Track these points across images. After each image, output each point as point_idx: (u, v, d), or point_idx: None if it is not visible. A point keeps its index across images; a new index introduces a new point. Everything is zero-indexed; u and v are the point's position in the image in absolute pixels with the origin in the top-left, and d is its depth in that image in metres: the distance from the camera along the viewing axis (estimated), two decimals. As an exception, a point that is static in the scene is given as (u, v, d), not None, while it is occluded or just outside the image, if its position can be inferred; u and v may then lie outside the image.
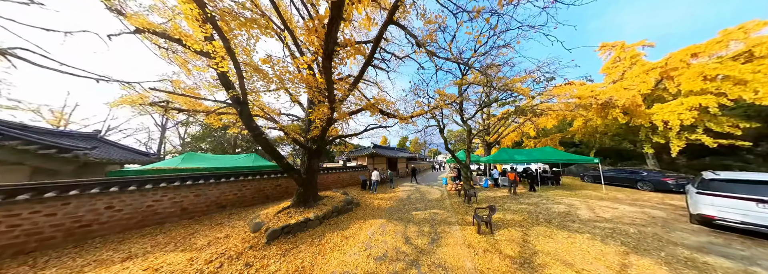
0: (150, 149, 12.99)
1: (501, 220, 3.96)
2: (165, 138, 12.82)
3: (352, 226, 3.78)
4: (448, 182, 8.88)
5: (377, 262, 2.46)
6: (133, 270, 2.24)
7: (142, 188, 3.51)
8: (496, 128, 11.25)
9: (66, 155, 3.84)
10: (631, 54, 9.82)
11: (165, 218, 3.70)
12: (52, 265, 2.35)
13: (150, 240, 3.00)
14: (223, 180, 4.61)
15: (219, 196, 4.48)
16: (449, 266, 2.37)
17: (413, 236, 3.24)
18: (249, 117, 3.14)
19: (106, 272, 2.20)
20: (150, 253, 2.62)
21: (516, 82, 6.04)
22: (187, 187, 4.05)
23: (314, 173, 4.51)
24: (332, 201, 4.72)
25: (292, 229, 3.31)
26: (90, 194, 3.06)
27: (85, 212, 3.01)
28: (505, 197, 6.10)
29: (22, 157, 3.56)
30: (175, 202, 3.85)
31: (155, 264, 2.35)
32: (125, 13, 2.84)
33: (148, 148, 13.11)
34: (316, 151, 4.47)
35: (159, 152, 11.89)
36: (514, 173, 6.83)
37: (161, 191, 3.72)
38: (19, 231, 2.58)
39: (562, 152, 9.03)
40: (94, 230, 3.03)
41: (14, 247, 2.53)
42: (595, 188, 7.69)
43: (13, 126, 4.30)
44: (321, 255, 2.67)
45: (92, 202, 3.07)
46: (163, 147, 12.63)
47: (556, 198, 5.87)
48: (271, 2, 2.83)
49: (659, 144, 8.57)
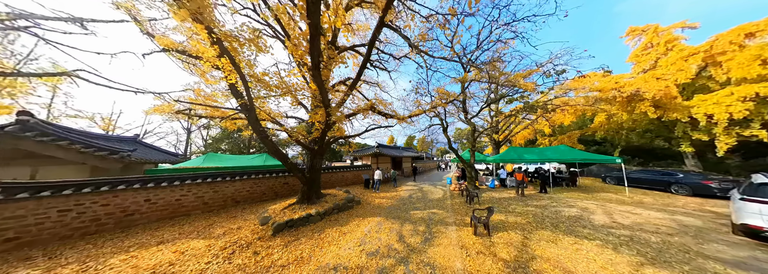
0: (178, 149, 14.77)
1: (502, 222, 3.87)
2: (190, 140, 14.59)
3: (351, 222, 4.01)
4: (453, 181, 8.76)
5: (369, 257, 2.64)
6: (165, 252, 2.71)
7: (172, 184, 4.13)
8: (505, 126, 10.75)
9: (114, 156, 4.66)
10: (667, 38, 8.55)
11: (190, 211, 4.31)
12: (108, 245, 2.93)
13: (178, 229, 3.54)
14: (237, 178, 5.17)
15: (234, 192, 5.05)
16: (438, 265, 2.42)
17: (407, 235, 3.35)
18: (256, 121, 3.53)
19: (145, 253, 2.70)
20: (178, 239, 3.12)
21: (520, 77, 5.76)
22: (207, 184, 4.64)
23: (316, 172, 4.85)
24: (334, 199, 5.03)
25: (296, 223, 3.65)
26: (133, 188, 3.71)
27: (130, 204, 3.65)
28: (511, 199, 5.89)
29: (84, 157, 4.43)
30: (198, 197, 4.45)
31: (182, 248, 2.81)
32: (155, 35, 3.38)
33: (177, 149, 14.92)
34: (318, 151, 4.80)
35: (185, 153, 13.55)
36: (521, 173, 6.53)
37: (187, 187, 4.33)
38: (84, 217, 3.25)
39: (579, 150, 8.38)
40: (136, 219, 3.67)
41: (81, 230, 3.20)
42: (619, 190, 7.05)
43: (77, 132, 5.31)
44: (319, 248, 2.94)
45: (135, 195, 3.72)
46: (188, 148, 14.35)
47: (569, 201, 5.56)
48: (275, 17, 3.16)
49: (701, 142, 7.43)
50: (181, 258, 2.57)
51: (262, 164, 7.13)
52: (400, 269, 2.35)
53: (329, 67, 2.64)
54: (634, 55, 9.51)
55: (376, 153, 10.71)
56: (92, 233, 3.27)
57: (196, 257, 2.60)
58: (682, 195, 6.15)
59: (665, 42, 8.53)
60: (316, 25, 1.85)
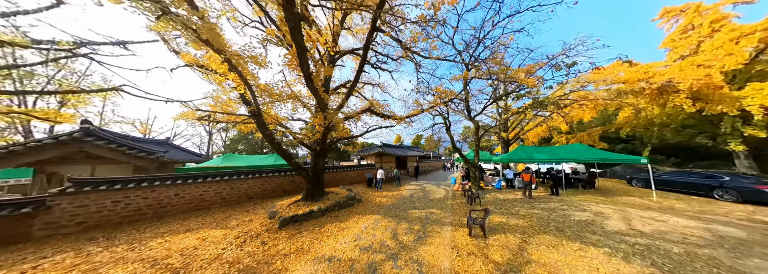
0: (202, 150, 16.55)
1: (502, 224, 3.81)
2: (212, 141, 16.29)
3: (350, 219, 4.30)
4: (457, 181, 8.66)
5: (362, 251, 2.88)
6: (190, 238, 3.23)
7: (196, 181, 4.78)
8: (514, 123, 10.28)
9: (151, 156, 5.50)
10: (713, 17, 7.30)
11: (211, 204, 4.94)
12: (148, 231, 3.56)
13: (201, 219, 4.13)
14: (250, 176, 5.76)
15: (247, 189, 5.64)
16: (425, 263, 2.51)
17: (402, 233, 3.51)
18: (263, 126, 3.96)
19: (175, 238, 3.25)
20: (200, 228, 3.66)
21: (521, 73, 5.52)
22: (225, 181, 5.26)
23: (319, 171, 5.22)
24: (336, 196, 5.36)
25: (299, 218, 4.03)
26: (166, 184, 4.39)
27: (164, 197, 4.33)
28: (516, 201, 5.73)
29: (128, 158, 5.32)
30: (217, 192, 5.08)
31: (203, 236, 3.32)
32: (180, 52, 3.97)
33: (201, 149, 16.72)
34: (321, 152, 5.17)
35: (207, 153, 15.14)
36: (529, 173, 6.27)
37: (208, 184, 4.97)
38: (130, 207, 3.96)
39: (597, 149, 7.76)
40: (168, 210, 4.35)
41: (128, 217, 3.91)
42: (645, 194, 6.45)
43: (122, 136, 6.34)
44: (318, 241, 3.26)
45: (167, 190, 4.40)
46: (210, 149, 16.02)
47: (582, 204, 5.27)
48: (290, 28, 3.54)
49: (756, 139, 6.41)
50: (202, 244, 3.06)
51: (272, 163, 7.77)
52: (389, 265, 2.49)
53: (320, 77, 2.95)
54: (670, 40, 8.43)
55: (380, 153, 10.95)
56: (135, 221, 3.97)
57: (214, 243, 3.07)
58: (727, 201, 5.42)
59: (710, 22, 7.30)
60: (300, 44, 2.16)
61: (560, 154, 7.37)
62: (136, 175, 4.35)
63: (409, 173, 12.96)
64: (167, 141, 8.23)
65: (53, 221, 3.34)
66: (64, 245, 3.03)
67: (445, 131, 8.12)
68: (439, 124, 8.67)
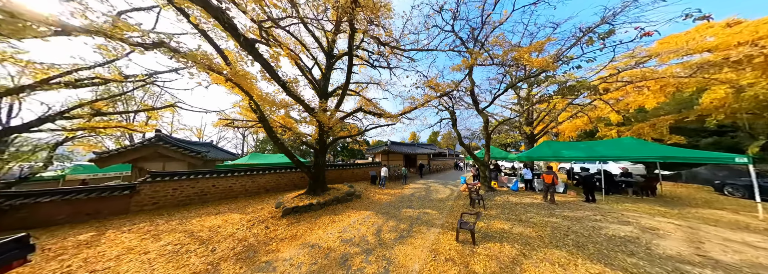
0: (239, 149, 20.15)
1: (503, 232, 3.42)
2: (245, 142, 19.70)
3: (344, 213, 4.73)
4: (468, 181, 8.18)
5: (342, 243, 3.21)
6: (217, 219, 4.22)
7: (227, 176, 6.06)
8: (541, 115, 8.93)
9: (198, 156, 7.20)
10: None
11: (237, 194, 6.18)
12: (193, 212, 4.78)
13: (227, 206, 5.24)
14: (267, 172, 6.88)
15: (265, 183, 6.78)
16: (395, 262, 2.54)
17: (386, 230, 3.67)
18: (269, 129, 4.75)
19: (208, 218, 4.29)
20: (225, 212, 4.69)
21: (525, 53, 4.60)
22: (247, 176, 6.45)
23: (319, 168, 5.85)
24: (337, 192, 5.91)
25: (299, 210, 4.68)
26: (206, 177, 5.72)
27: (204, 187, 5.67)
28: (533, 206, 5.10)
29: (184, 157, 7.09)
30: (241, 185, 6.30)
31: (226, 218, 4.28)
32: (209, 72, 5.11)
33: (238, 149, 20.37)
34: (320, 151, 5.80)
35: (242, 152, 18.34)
36: (550, 173, 5.42)
37: (235, 178, 6.22)
38: (183, 194, 5.36)
39: (657, 144, 6.03)
40: (207, 198, 5.67)
41: (182, 202, 5.32)
42: (745, 207, 4.69)
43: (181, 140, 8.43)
44: (310, 230, 3.78)
45: (207, 182, 5.73)
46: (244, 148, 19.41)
47: (627, 215, 4.20)
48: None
49: None
50: (224, 224, 3.97)
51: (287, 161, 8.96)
52: (360, 258, 2.68)
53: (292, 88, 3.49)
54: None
55: (386, 151, 11.19)
56: (186, 204, 5.35)
57: (232, 224, 3.95)
58: None
59: None
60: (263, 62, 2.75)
61: (600, 150, 6.11)
62: (187, 170, 5.83)
63: (428, 171, 12.78)
64: (211, 143, 10.48)
65: (139, 201, 4.85)
66: (144, 217, 4.41)
67: (452, 127, 7.72)
68: (447, 120, 8.23)
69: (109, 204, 4.53)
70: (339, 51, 6.24)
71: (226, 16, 2.66)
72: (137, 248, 3.06)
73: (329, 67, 6.26)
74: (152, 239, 3.32)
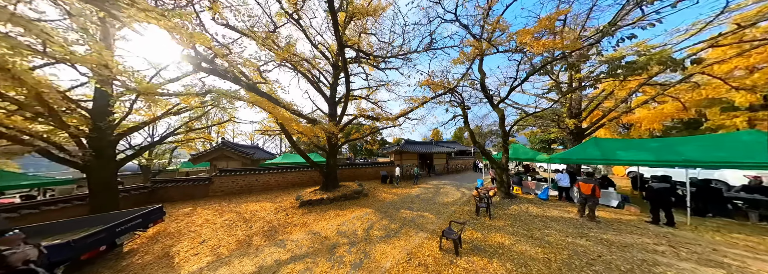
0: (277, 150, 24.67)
1: (500, 247, 3.06)
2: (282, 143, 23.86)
3: (348, 209, 5.52)
4: (484, 185, 7.60)
5: (337, 234, 3.93)
6: (256, 206, 5.79)
7: (265, 172, 7.97)
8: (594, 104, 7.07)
9: (247, 156, 9.61)
10: None
11: (272, 188, 8.04)
12: (243, 198, 6.64)
13: (264, 196, 6.95)
14: (294, 170, 8.59)
15: (292, 179, 8.49)
16: (371, 257, 2.93)
17: (376, 228, 4.13)
18: (289, 136, 6.02)
19: (250, 204, 5.94)
20: (262, 201, 6.31)
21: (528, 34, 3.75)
22: (279, 173, 8.25)
23: (331, 167, 6.88)
24: (346, 189, 6.82)
25: (313, 203, 5.78)
26: (252, 174, 7.73)
27: (251, 181, 7.68)
28: (558, 220, 4.19)
29: (239, 157, 9.63)
30: (275, 180, 8.14)
31: (262, 205, 5.81)
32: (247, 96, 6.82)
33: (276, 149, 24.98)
34: (331, 152, 6.81)
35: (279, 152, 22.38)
36: (589, 182, 4.21)
37: (270, 175, 8.08)
38: (237, 185, 7.46)
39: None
40: (253, 189, 7.67)
41: (237, 191, 7.44)
42: None
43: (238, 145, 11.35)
44: (317, 221, 4.72)
45: (252, 177, 7.73)
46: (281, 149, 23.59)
47: (721, 251, 2.87)
48: None
49: None
50: (259, 209, 5.44)
51: (312, 160, 10.71)
52: (344, 248, 3.25)
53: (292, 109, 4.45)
54: None
55: (399, 150, 11.50)
56: (238, 193, 7.41)
57: (264, 210, 5.38)
58: None
59: None
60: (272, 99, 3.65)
61: (685, 152, 4.14)
62: (240, 167, 8.02)
63: (436, 172, 12.51)
64: (256, 146, 13.57)
65: (213, 189, 7.10)
66: (215, 200, 6.48)
67: (464, 124, 7.25)
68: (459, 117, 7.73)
69: (198, 190, 6.90)
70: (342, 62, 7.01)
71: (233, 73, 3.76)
72: (211, 220, 4.73)
73: (336, 76, 7.13)
74: (218, 215, 5.02)
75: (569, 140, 7.81)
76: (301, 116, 5.13)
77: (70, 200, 4.68)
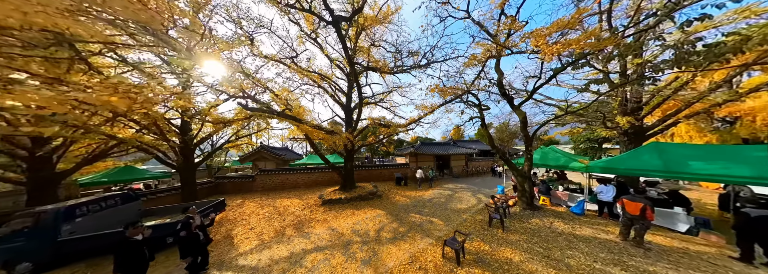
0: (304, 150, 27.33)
1: (507, 263, 2.90)
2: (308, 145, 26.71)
3: (363, 209, 6.17)
4: (505, 192, 7.18)
5: (351, 232, 4.58)
6: (286, 202, 6.99)
7: (294, 172, 9.39)
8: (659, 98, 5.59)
9: (279, 157, 11.36)
10: None
11: (300, 186, 9.40)
12: (278, 194, 8.06)
13: (294, 193, 8.24)
14: (318, 171, 9.80)
15: (316, 178, 9.70)
16: (379, 257, 3.32)
17: (386, 230, 4.57)
18: (311, 142, 7.01)
19: (283, 200, 7.20)
20: (292, 197, 7.53)
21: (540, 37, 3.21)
22: (305, 173, 9.55)
23: (349, 169, 7.67)
24: (362, 190, 7.51)
25: (332, 202, 6.63)
26: (284, 173, 9.23)
27: (283, 179, 9.19)
28: (590, 241, 3.55)
29: (274, 158, 11.50)
30: (302, 179, 9.48)
31: (291, 201, 6.98)
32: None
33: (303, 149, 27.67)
34: (348, 156, 7.59)
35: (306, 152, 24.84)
36: (637, 201, 3.32)
37: (298, 174, 9.45)
38: (274, 182, 9.05)
39: None
40: (285, 186, 9.16)
41: (273, 187, 9.01)
42: None
43: (272, 147, 13.42)
44: (335, 218, 5.49)
45: (283, 176, 9.22)
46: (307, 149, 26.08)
47: None
48: None
49: None
50: (290, 205, 6.58)
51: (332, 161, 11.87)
52: (357, 245, 3.77)
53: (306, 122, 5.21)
54: None
55: (413, 152, 11.63)
56: (274, 190, 8.94)
57: (293, 205, 6.49)
58: None
59: None
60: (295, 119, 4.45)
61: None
62: (275, 168, 9.62)
63: (454, 174, 12.16)
64: (287, 148, 15.68)
65: (256, 185, 8.79)
66: (258, 195, 8.05)
67: (481, 126, 6.86)
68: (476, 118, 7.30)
69: (245, 185, 8.69)
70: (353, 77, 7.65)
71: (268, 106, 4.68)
72: (256, 211, 6.03)
73: (350, 86, 7.80)
74: (260, 208, 6.33)
75: (623, 142, 6.45)
76: (321, 129, 5.95)
77: (170, 190, 7.04)
